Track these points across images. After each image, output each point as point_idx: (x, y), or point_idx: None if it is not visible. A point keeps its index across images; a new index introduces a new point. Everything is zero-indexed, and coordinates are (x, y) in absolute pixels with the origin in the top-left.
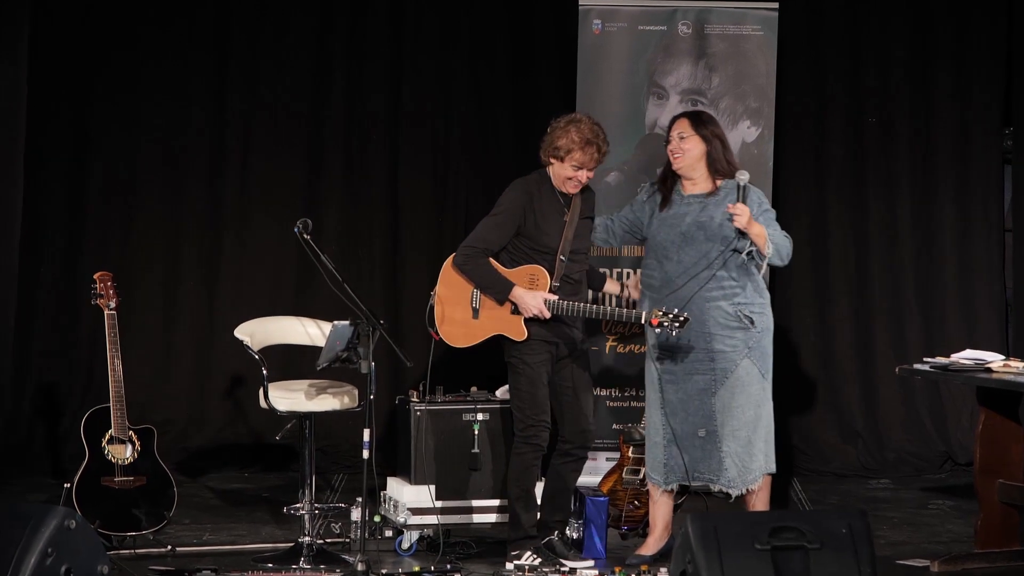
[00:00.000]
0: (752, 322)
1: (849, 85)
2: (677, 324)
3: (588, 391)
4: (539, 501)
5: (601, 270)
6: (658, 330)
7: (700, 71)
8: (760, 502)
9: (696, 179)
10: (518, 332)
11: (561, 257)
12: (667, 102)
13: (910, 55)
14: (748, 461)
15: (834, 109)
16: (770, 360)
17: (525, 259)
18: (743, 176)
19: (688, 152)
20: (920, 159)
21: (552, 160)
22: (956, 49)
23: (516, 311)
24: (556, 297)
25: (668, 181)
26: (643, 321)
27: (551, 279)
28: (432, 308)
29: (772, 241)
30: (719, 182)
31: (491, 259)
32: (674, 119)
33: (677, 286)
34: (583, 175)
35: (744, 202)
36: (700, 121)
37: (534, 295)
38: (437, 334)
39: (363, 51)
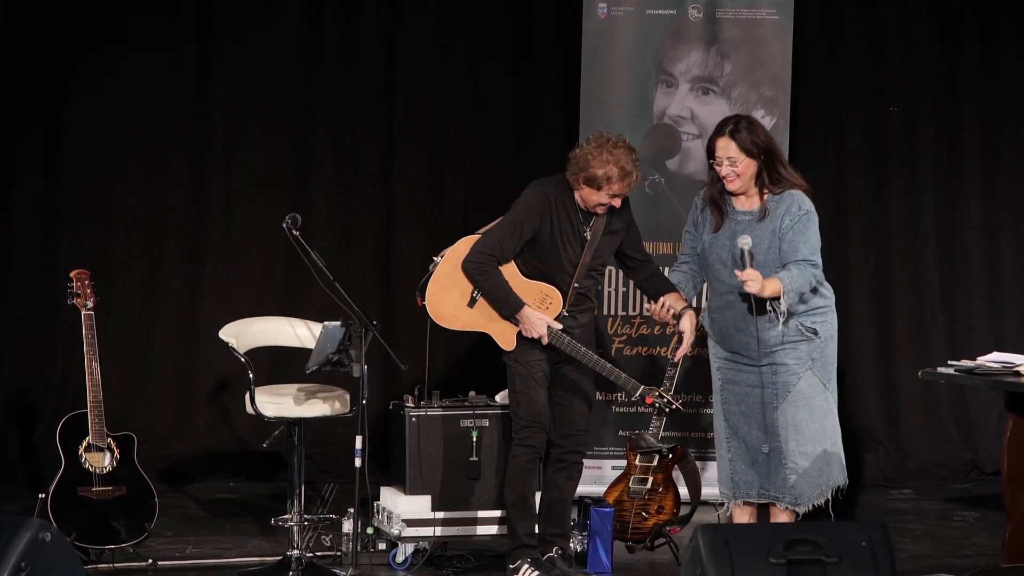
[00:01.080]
0: (816, 332)
1: (869, 72)
2: (667, 410)
3: (584, 396)
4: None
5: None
6: (650, 409)
7: (712, 57)
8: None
9: (749, 194)
10: (507, 341)
11: (575, 284)
12: (676, 90)
13: (933, 40)
14: (815, 476)
15: (853, 98)
16: (833, 368)
17: (538, 273)
18: (745, 242)
19: (742, 176)
20: (945, 151)
21: (585, 186)
22: (982, 33)
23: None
24: (560, 327)
25: (717, 197)
26: (635, 397)
27: (563, 305)
28: (430, 276)
29: (789, 289)
30: (766, 195)
31: (512, 263)
32: (715, 137)
33: (733, 305)
34: (617, 201)
35: (750, 266)
36: (740, 135)
37: (540, 319)
38: (423, 300)
39: (356, 37)
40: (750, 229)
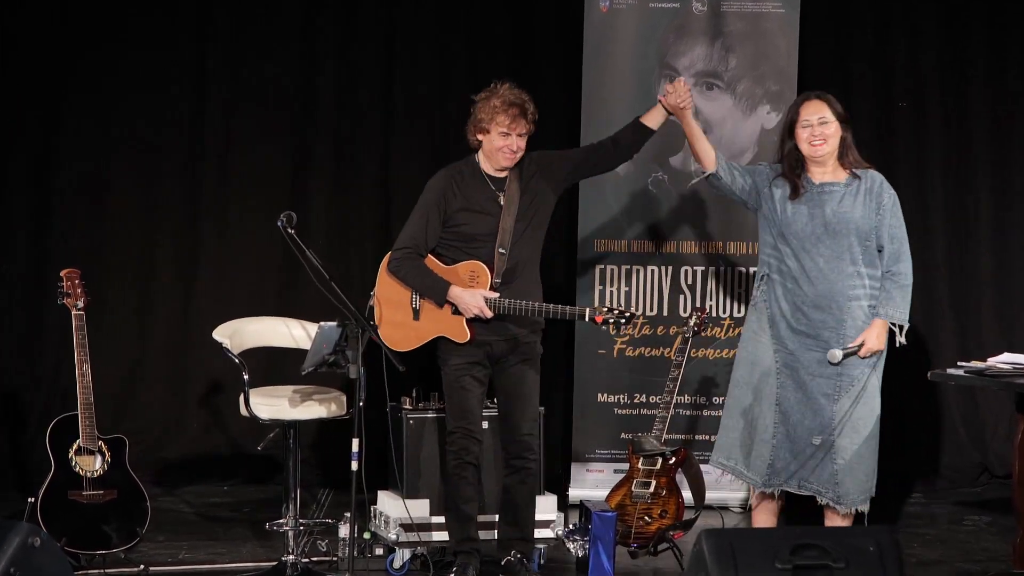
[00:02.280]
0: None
1: (877, 66)
2: (623, 320)
3: (528, 399)
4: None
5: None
6: (604, 327)
7: (716, 52)
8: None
9: (828, 167)
10: (460, 334)
11: (500, 250)
12: None
13: (939, 27)
14: (863, 480)
15: (861, 92)
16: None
17: (463, 254)
18: (834, 356)
19: (831, 137)
20: (954, 146)
21: (480, 136)
22: (988, 19)
23: (458, 311)
24: (497, 295)
25: (793, 167)
26: (587, 319)
27: (491, 275)
28: (371, 310)
29: (900, 316)
30: (851, 170)
31: (430, 256)
32: (803, 100)
33: (814, 281)
34: (514, 142)
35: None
36: (836, 103)
37: (473, 294)
38: (376, 336)
39: (356, 36)
40: (839, 199)
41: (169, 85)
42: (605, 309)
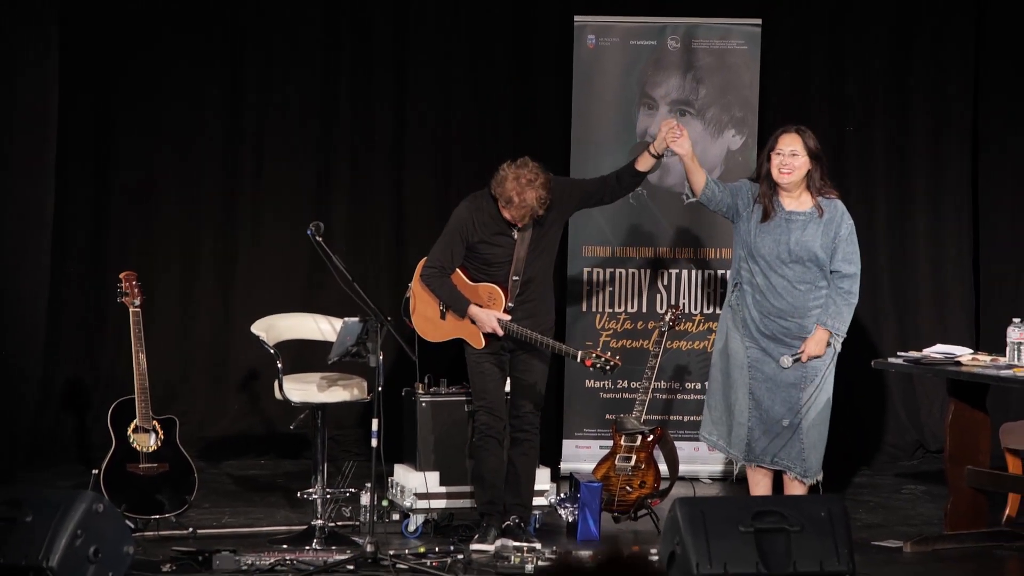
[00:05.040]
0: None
1: (828, 96)
2: (608, 367)
3: (533, 383)
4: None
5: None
6: (593, 370)
7: (688, 83)
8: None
9: (795, 194)
10: (476, 341)
11: (514, 277)
12: (657, 112)
13: (886, 68)
14: (821, 453)
15: (814, 118)
16: None
17: (483, 275)
18: (787, 360)
19: (797, 170)
20: (896, 167)
21: (502, 206)
22: (929, 64)
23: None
24: (509, 318)
25: (768, 191)
26: (578, 360)
27: (506, 299)
28: (408, 300)
29: (840, 327)
30: (817, 199)
31: (458, 271)
32: (782, 131)
33: (781, 295)
34: (519, 222)
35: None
36: (807, 137)
37: (489, 315)
38: (410, 322)
39: (370, 59)
40: (803, 227)
41: (207, 102)
42: (594, 355)
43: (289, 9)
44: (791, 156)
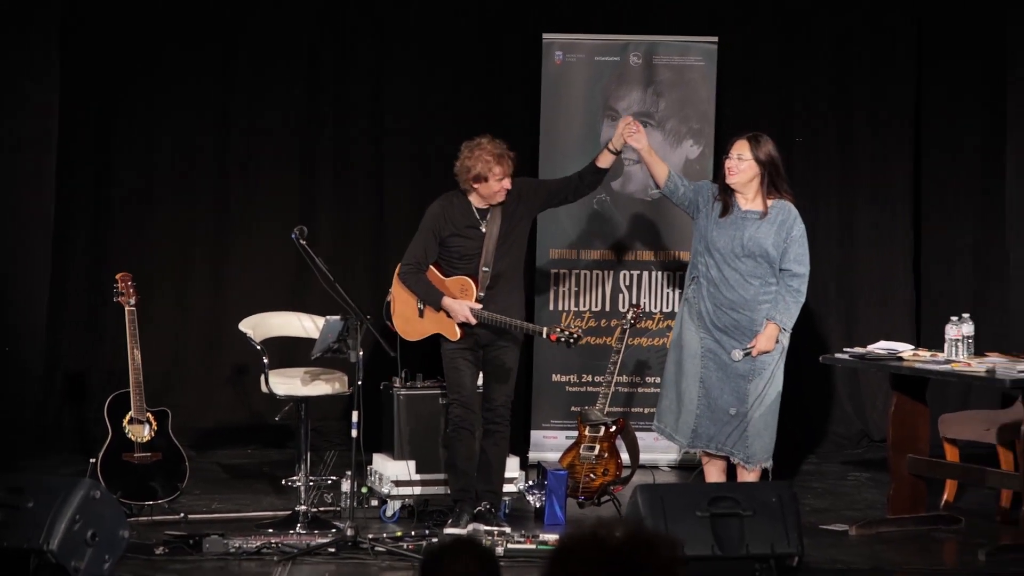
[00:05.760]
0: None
1: (779, 108)
2: (573, 340)
3: (503, 377)
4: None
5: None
6: (559, 344)
7: (649, 96)
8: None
9: (749, 196)
10: (452, 333)
11: (484, 268)
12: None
13: (831, 79)
14: (767, 442)
15: (765, 129)
16: None
17: (455, 269)
18: (737, 354)
19: (742, 172)
20: (841, 175)
21: (478, 186)
22: (872, 77)
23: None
24: (480, 306)
25: (728, 191)
26: (543, 336)
27: (477, 289)
28: (388, 304)
29: (787, 322)
30: (770, 202)
31: (432, 268)
32: (736, 138)
33: (734, 288)
34: (507, 183)
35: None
36: (758, 145)
37: (461, 304)
38: (392, 325)
39: (351, 73)
40: (756, 226)
41: (200, 115)
42: (558, 329)
43: (277, 30)
44: (737, 160)
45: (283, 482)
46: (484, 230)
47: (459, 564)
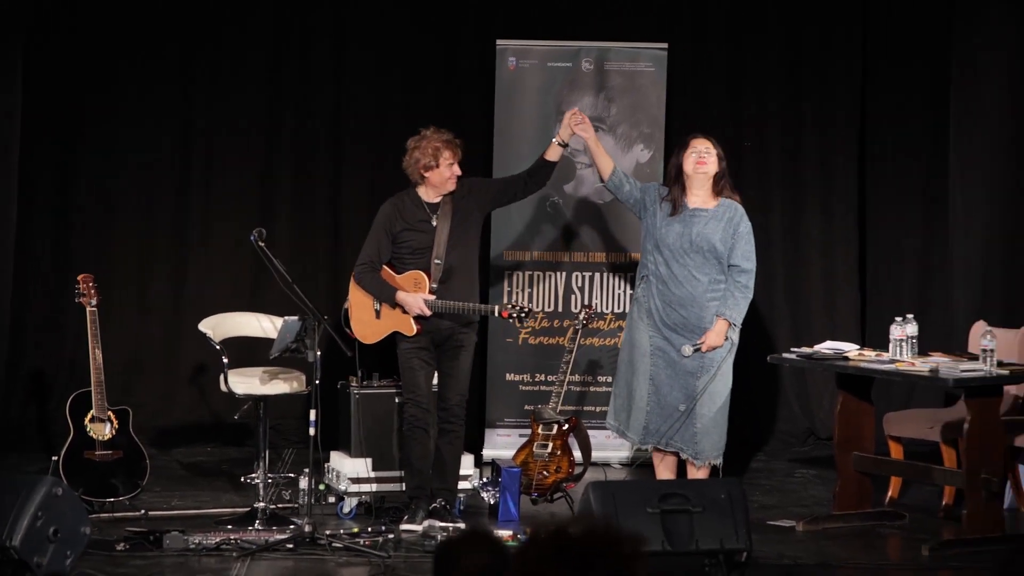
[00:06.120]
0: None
1: (728, 113)
2: (523, 315)
3: (457, 377)
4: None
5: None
6: (511, 321)
7: (600, 101)
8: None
9: (701, 193)
10: (408, 328)
11: (436, 260)
12: None
13: (780, 89)
14: (717, 439)
15: (714, 134)
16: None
17: (408, 264)
18: (687, 349)
19: (711, 164)
20: (789, 179)
21: (428, 173)
22: (820, 82)
23: (406, 311)
24: (434, 297)
25: (677, 191)
26: (495, 314)
27: (429, 281)
28: (346, 312)
29: (737, 318)
30: (719, 200)
31: (385, 267)
32: (693, 136)
33: (682, 284)
34: (457, 168)
35: (693, 351)
36: (716, 142)
37: (415, 297)
38: (352, 331)
39: (310, 79)
40: (705, 223)
41: (160, 121)
42: (509, 306)
43: (237, 36)
44: (706, 152)
45: (242, 479)
46: (435, 224)
47: (474, 558)
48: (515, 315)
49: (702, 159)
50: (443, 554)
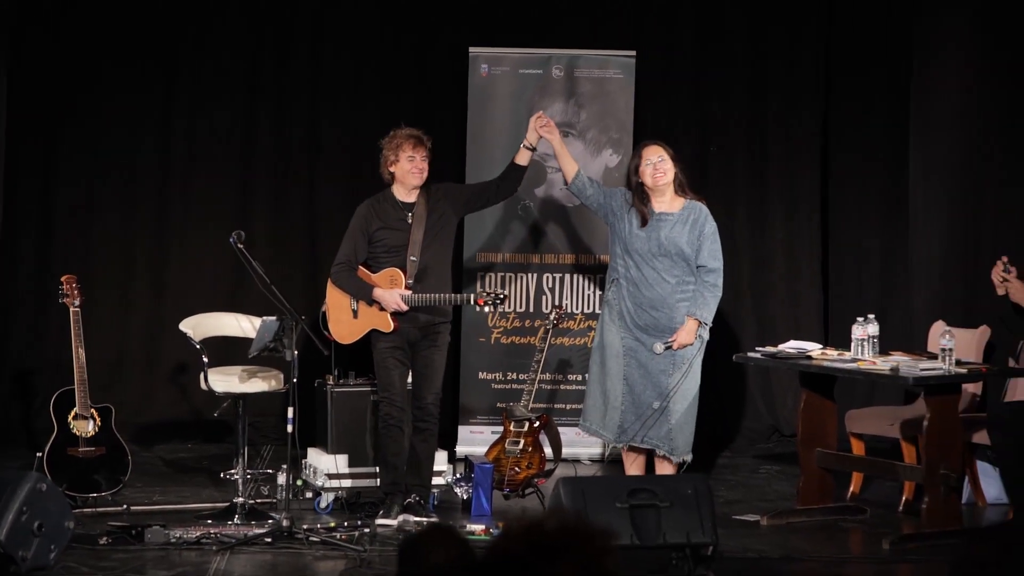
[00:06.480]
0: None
1: (694, 118)
2: (498, 300)
3: (431, 375)
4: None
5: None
6: (487, 309)
7: (571, 107)
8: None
9: (666, 198)
10: (386, 325)
11: (411, 257)
12: None
13: (745, 95)
14: (688, 435)
15: (682, 139)
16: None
17: (384, 263)
18: (659, 347)
19: (667, 172)
20: (755, 183)
21: (393, 168)
22: (784, 89)
23: (383, 308)
24: (410, 292)
25: (641, 199)
26: (471, 302)
27: (405, 277)
28: (324, 315)
29: (708, 319)
30: (683, 202)
31: (361, 267)
32: (644, 146)
33: (652, 286)
34: (418, 163)
35: (664, 348)
36: (668, 147)
37: (391, 293)
38: (330, 334)
39: (288, 87)
40: (671, 226)
41: (142, 125)
42: (484, 293)
43: (217, 42)
44: (660, 162)
45: (221, 475)
46: (410, 222)
47: (439, 553)
48: (490, 301)
49: (658, 170)
50: (408, 550)
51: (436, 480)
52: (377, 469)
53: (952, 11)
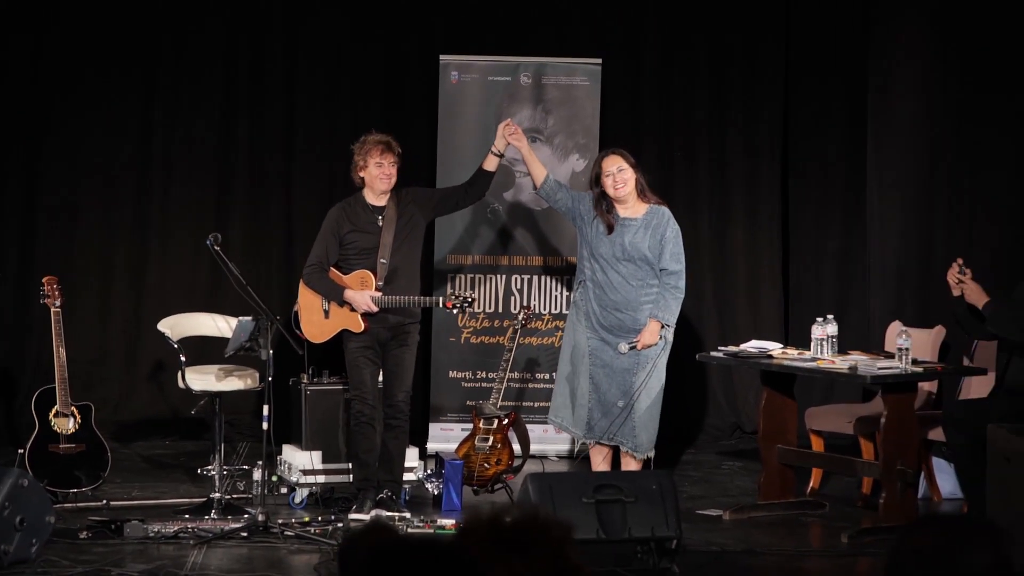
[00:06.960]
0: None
1: (659, 124)
2: (467, 304)
3: (402, 374)
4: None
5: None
6: (455, 311)
7: (538, 113)
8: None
9: (629, 204)
10: (356, 325)
11: (381, 260)
12: None
13: (708, 100)
14: (652, 432)
15: (647, 144)
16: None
17: (355, 265)
18: (623, 349)
19: (628, 182)
20: (717, 186)
21: (362, 173)
22: (745, 95)
23: (354, 309)
24: (380, 294)
25: (605, 207)
26: (440, 305)
27: (376, 279)
28: (296, 314)
29: (671, 322)
30: (646, 207)
31: (332, 268)
32: (603, 156)
33: (617, 289)
34: (386, 169)
35: (628, 348)
36: (626, 155)
37: (362, 294)
38: (302, 333)
39: (264, 96)
40: (635, 232)
41: (123, 130)
42: (452, 296)
43: (195, 51)
44: (619, 172)
45: (199, 471)
46: (381, 225)
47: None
48: (458, 304)
49: (618, 181)
50: (347, 551)
51: (407, 476)
52: (350, 465)
53: (907, 19)
